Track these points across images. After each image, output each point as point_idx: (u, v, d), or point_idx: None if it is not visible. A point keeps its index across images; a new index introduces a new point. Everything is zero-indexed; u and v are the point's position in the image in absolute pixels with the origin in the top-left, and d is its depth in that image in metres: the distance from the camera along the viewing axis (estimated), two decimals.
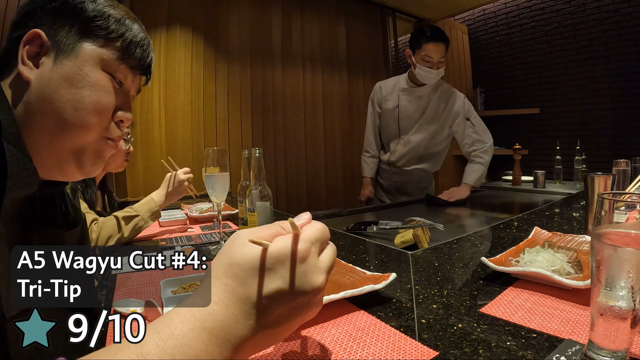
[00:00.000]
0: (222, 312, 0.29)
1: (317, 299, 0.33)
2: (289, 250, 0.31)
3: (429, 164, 2.01)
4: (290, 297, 0.30)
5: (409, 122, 1.89)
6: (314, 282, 0.31)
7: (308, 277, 0.31)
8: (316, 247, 0.33)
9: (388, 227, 1.14)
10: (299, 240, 0.32)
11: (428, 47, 1.69)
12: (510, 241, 0.93)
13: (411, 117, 1.88)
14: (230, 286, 0.30)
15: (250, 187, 1.00)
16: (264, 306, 0.30)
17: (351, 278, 0.67)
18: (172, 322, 0.29)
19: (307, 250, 0.31)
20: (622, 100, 2.73)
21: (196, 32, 2.35)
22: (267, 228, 0.34)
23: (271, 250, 0.31)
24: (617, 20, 2.69)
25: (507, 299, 0.58)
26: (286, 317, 0.31)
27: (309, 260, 0.31)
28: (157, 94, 2.20)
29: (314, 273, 0.31)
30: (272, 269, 0.30)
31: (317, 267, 0.32)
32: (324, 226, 0.35)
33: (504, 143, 3.43)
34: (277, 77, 2.72)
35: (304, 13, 2.85)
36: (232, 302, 0.30)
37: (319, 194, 2.95)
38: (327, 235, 0.35)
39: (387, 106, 1.93)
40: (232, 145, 2.51)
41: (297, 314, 0.32)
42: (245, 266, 0.30)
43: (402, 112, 1.89)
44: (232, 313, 0.29)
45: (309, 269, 0.31)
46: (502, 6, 3.40)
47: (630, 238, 0.36)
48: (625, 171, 1.30)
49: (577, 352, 0.41)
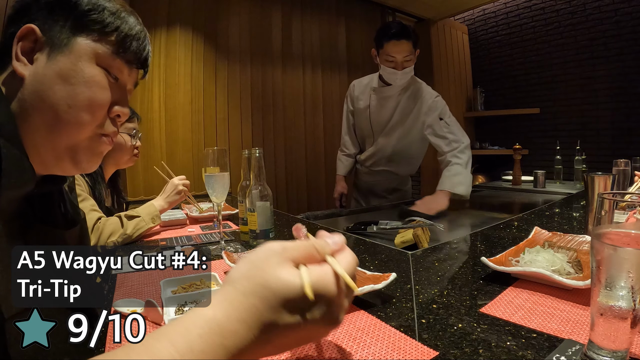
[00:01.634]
0: (244, 333, 0.28)
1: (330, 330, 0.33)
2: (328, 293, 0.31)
3: (399, 166, 1.86)
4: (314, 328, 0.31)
5: (379, 123, 1.78)
6: (338, 320, 0.32)
7: (334, 314, 0.31)
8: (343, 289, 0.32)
9: (388, 227, 1.14)
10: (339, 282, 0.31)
11: (389, 46, 1.54)
12: (510, 241, 0.93)
13: (381, 117, 1.77)
14: (258, 309, 0.29)
15: (250, 187, 1.00)
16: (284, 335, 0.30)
17: None
18: (189, 334, 0.27)
19: (342, 293, 0.32)
20: (622, 100, 2.73)
21: (196, 32, 2.35)
22: (301, 247, 0.33)
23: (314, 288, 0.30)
24: (617, 20, 2.69)
25: (507, 299, 0.58)
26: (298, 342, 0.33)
27: (339, 300, 0.32)
28: (157, 94, 2.20)
29: (341, 312, 0.32)
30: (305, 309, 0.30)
31: (343, 307, 0.32)
32: (355, 259, 0.35)
33: (504, 143, 3.43)
34: (277, 77, 2.72)
35: (304, 13, 2.85)
36: (255, 325, 0.29)
37: (319, 194, 2.95)
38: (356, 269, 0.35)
39: (359, 106, 1.82)
40: (232, 145, 2.51)
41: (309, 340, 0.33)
42: (280, 295, 0.29)
43: (373, 112, 1.78)
44: (253, 335, 0.29)
45: (338, 308, 0.32)
46: (502, 6, 3.40)
47: (630, 238, 0.36)
48: (625, 171, 1.30)
49: (577, 352, 0.41)
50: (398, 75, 1.59)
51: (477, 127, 3.72)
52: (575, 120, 3.01)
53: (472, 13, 3.65)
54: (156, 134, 2.20)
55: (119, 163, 1.32)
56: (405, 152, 1.81)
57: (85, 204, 1.08)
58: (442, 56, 3.45)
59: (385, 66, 1.59)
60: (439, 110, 1.66)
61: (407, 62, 1.57)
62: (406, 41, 1.53)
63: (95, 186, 1.22)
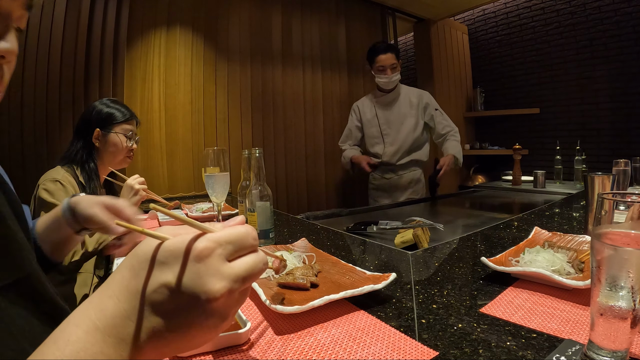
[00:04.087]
0: (112, 307, 0.26)
1: (214, 308, 0.27)
2: (185, 245, 0.27)
3: (420, 152, 2.25)
4: (177, 296, 0.26)
5: (387, 124, 2.18)
6: (208, 286, 0.26)
7: (203, 279, 0.26)
8: (225, 249, 0.28)
9: (388, 227, 1.14)
10: (201, 237, 0.28)
11: (379, 58, 2.05)
12: (510, 241, 0.93)
13: (388, 119, 2.17)
14: (125, 278, 0.27)
15: (250, 187, 1.00)
16: (151, 301, 0.26)
17: (351, 278, 0.67)
18: (68, 326, 0.26)
19: (208, 250, 0.27)
20: (622, 100, 2.73)
21: (196, 32, 2.35)
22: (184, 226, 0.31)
23: (167, 243, 0.28)
24: (617, 20, 2.69)
25: (507, 299, 0.58)
26: (177, 318, 0.27)
27: (209, 261, 0.27)
28: (157, 94, 2.20)
29: (210, 276, 0.27)
30: (164, 262, 0.27)
31: (217, 270, 0.27)
32: (248, 232, 0.30)
33: (504, 143, 3.43)
34: (277, 77, 2.72)
35: (304, 13, 2.85)
36: (123, 295, 0.27)
37: (319, 194, 2.95)
38: (249, 242, 0.30)
39: (366, 117, 2.23)
40: (232, 145, 2.51)
41: (191, 319, 0.27)
42: (142, 257, 0.28)
43: (381, 117, 2.19)
44: (123, 308, 0.26)
45: (206, 271, 0.27)
46: (502, 6, 3.40)
47: (630, 238, 0.36)
48: (625, 171, 1.30)
49: (577, 352, 0.41)
50: (389, 78, 2.06)
51: (477, 127, 3.72)
52: (575, 120, 3.01)
53: (472, 13, 3.65)
54: (156, 134, 2.20)
55: (113, 162, 1.32)
56: (419, 140, 2.21)
57: None
58: (442, 56, 3.45)
59: (378, 74, 2.07)
60: (432, 102, 2.18)
61: (394, 69, 2.06)
62: (391, 53, 2.05)
63: (90, 184, 1.22)
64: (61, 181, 1.15)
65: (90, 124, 1.27)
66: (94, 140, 1.27)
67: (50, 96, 1.92)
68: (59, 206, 0.65)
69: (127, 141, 1.31)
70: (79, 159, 1.25)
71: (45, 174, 1.19)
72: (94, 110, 1.29)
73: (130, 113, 1.34)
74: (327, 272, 0.72)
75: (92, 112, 1.28)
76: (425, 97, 2.17)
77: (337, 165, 3.07)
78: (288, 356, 0.45)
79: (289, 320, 0.54)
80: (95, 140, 1.27)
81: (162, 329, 0.27)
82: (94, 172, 1.25)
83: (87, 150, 1.27)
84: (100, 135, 1.27)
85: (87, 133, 1.27)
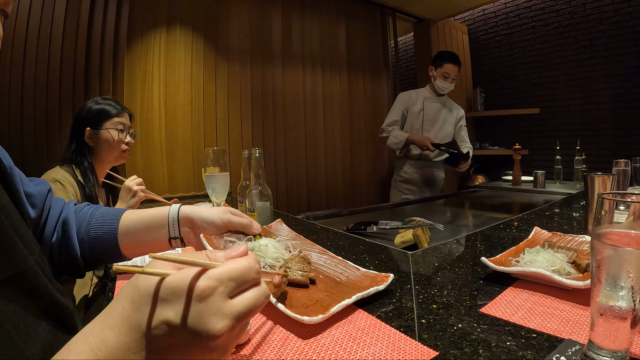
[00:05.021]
0: (113, 339, 0.27)
1: (217, 345, 0.27)
2: (187, 284, 0.27)
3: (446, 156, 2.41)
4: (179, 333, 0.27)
5: (430, 122, 2.37)
6: (210, 327, 0.26)
7: (204, 318, 0.27)
8: (226, 287, 0.28)
9: (388, 227, 1.14)
10: (202, 275, 0.28)
11: (447, 66, 2.22)
12: (510, 241, 0.93)
13: (432, 118, 2.37)
14: (127, 311, 0.27)
15: (250, 187, 1.00)
16: (152, 336, 0.27)
17: (345, 272, 0.67)
18: (69, 355, 0.27)
19: (210, 289, 0.27)
20: (622, 100, 2.73)
21: (196, 32, 2.35)
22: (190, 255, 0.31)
23: (168, 280, 0.27)
24: (617, 20, 2.69)
25: (507, 299, 0.58)
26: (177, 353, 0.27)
27: (210, 300, 0.27)
28: (157, 94, 2.20)
29: (212, 316, 0.27)
30: (165, 300, 0.27)
31: (219, 310, 0.27)
32: (250, 267, 0.30)
33: (504, 143, 3.43)
34: (277, 77, 2.72)
35: (304, 13, 2.85)
36: (125, 328, 0.27)
37: (319, 194, 2.95)
38: (251, 276, 0.30)
39: (413, 109, 2.37)
40: (232, 145, 2.51)
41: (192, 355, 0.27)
42: (143, 292, 0.27)
43: (426, 113, 2.37)
44: (124, 341, 0.27)
45: (207, 310, 0.27)
46: (502, 6, 3.40)
47: (630, 238, 0.36)
48: (625, 171, 1.30)
49: (577, 352, 0.41)
50: (449, 86, 2.28)
51: (477, 127, 3.72)
52: (575, 120, 3.01)
53: (472, 13, 3.65)
54: (156, 134, 2.20)
55: (109, 159, 1.31)
56: None
57: None
58: None
59: (440, 79, 2.26)
60: (463, 119, 2.45)
61: (454, 80, 2.27)
62: (458, 66, 2.25)
63: (87, 183, 1.22)
64: (61, 181, 1.15)
65: (80, 124, 1.26)
66: (86, 139, 1.26)
67: (50, 96, 1.92)
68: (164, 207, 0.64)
69: (119, 134, 1.28)
70: (75, 160, 1.25)
71: (45, 174, 1.19)
72: (84, 110, 1.28)
73: (119, 106, 1.32)
74: (315, 263, 0.71)
75: (82, 112, 1.28)
76: (461, 112, 2.45)
77: (337, 165, 3.07)
78: (288, 356, 0.45)
79: (289, 320, 0.54)
80: (88, 139, 1.26)
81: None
82: (89, 171, 1.25)
83: (81, 150, 1.26)
84: (92, 133, 1.26)
85: (79, 133, 1.26)
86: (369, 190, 3.27)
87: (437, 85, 2.29)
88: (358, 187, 3.21)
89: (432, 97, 2.37)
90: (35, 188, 0.58)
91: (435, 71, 2.28)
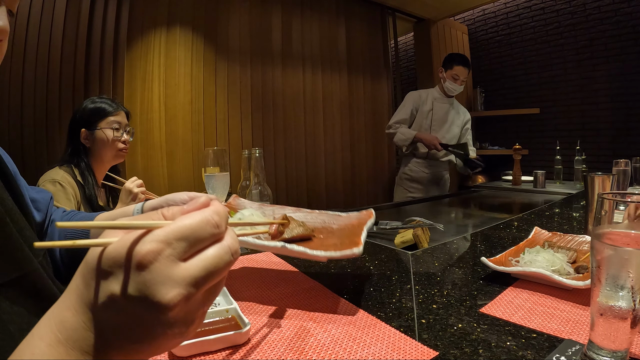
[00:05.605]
0: (71, 319, 0.24)
1: (173, 318, 0.24)
2: (125, 250, 0.24)
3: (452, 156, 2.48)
4: (128, 308, 0.24)
5: (438, 122, 2.39)
6: (158, 297, 0.23)
7: (150, 289, 0.23)
8: (174, 248, 0.24)
9: (388, 227, 1.14)
10: (144, 238, 0.24)
11: (458, 68, 2.24)
12: (510, 241, 0.93)
13: (441, 118, 2.39)
14: (79, 288, 0.25)
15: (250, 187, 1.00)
16: (103, 314, 0.24)
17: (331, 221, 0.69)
18: (32, 339, 0.25)
19: (152, 253, 0.23)
20: (622, 100, 2.73)
21: (196, 32, 2.35)
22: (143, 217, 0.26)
23: (108, 250, 0.24)
24: (617, 20, 2.69)
25: (507, 299, 0.58)
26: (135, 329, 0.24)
27: (155, 267, 0.23)
28: (157, 94, 2.20)
29: (160, 285, 0.23)
30: (109, 272, 0.24)
31: (168, 276, 0.23)
32: (206, 220, 0.25)
33: (504, 143, 3.43)
34: (277, 77, 2.72)
35: (304, 13, 2.85)
36: (80, 307, 0.25)
37: (319, 194, 2.95)
38: (207, 232, 0.25)
39: (423, 108, 2.39)
40: (232, 145, 2.51)
41: (150, 330, 0.24)
42: (90, 265, 0.25)
43: (435, 113, 2.39)
44: (82, 320, 0.24)
45: (152, 279, 0.23)
46: (502, 6, 3.40)
47: (630, 238, 0.36)
48: (625, 171, 1.30)
49: (577, 352, 0.41)
50: (458, 88, 2.29)
51: (477, 127, 3.72)
52: (575, 120, 3.01)
53: (472, 13, 3.65)
54: (156, 134, 2.20)
55: (106, 159, 1.30)
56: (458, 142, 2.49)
57: None
58: (442, 56, 3.43)
59: (450, 81, 2.28)
60: (469, 122, 2.48)
61: (463, 82, 2.28)
62: (469, 69, 2.28)
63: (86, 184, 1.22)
64: (60, 182, 1.15)
65: (75, 125, 1.26)
66: (82, 141, 1.26)
67: (50, 96, 1.92)
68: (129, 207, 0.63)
69: (115, 132, 1.28)
70: (72, 161, 1.25)
71: (44, 175, 1.19)
72: (78, 111, 1.28)
73: (115, 105, 1.31)
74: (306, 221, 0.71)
75: (77, 114, 1.27)
76: (468, 115, 2.50)
77: (337, 165, 3.07)
78: (288, 356, 0.45)
79: (288, 320, 0.54)
80: (84, 140, 1.26)
81: (123, 341, 0.24)
82: (86, 172, 1.25)
83: (77, 152, 1.26)
84: (87, 134, 1.26)
85: (75, 135, 1.26)
86: (368, 189, 3.27)
87: (447, 87, 2.31)
88: (358, 186, 3.20)
89: (441, 97, 2.40)
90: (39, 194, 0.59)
91: (445, 73, 2.31)
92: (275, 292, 0.65)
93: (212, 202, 0.27)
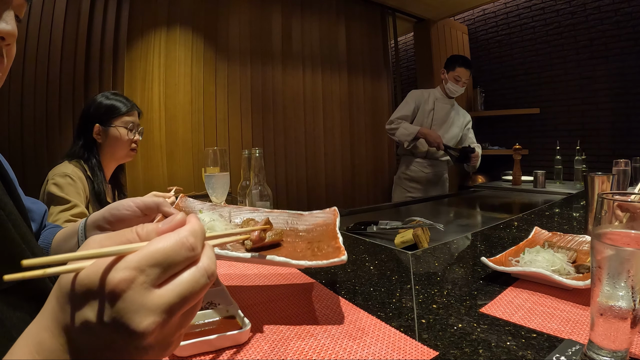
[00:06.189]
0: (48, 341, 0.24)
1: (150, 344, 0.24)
2: (98, 278, 0.23)
3: None
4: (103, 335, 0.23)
5: (439, 122, 2.40)
6: (132, 327, 0.22)
7: (124, 318, 0.22)
8: (148, 275, 0.23)
9: (388, 227, 1.14)
10: (116, 265, 0.23)
11: (460, 69, 2.25)
12: (510, 241, 0.93)
13: (442, 118, 2.40)
14: (55, 311, 0.25)
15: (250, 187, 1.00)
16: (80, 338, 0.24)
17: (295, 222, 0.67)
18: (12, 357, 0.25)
19: (125, 282, 0.22)
20: (622, 100, 2.73)
21: (196, 32, 2.35)
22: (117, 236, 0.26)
23: (80, 276, 0.23)
24: (617, 20, 2.69)
25: (507, 299, 0.58)
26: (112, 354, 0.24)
27: (129, 295, 0.22)
28: (157, 94, 2.20)
29: (134, 314, 0.22)
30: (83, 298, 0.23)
31: (142, 305, 0.23)
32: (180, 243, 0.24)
33: (504, 143, 3.43)
34: (277, 77, 2.72)
35: (304, 13, 2.85)
36: (57, 329, 0.24)
37: (319, 194, 2.95)
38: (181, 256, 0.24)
39: (424, 107, 2.40)
40: (232, 145, 2.51)
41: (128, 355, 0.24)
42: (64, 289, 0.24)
43: (436, 113, 2.40)
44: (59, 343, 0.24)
45: (127, 308, 0.22)
46: (502, 6, 3.40)
47: (630, 238, 0.36)
48: (625, 171, 1.30)
49: (577, 352, 0.41)
50: (460, 89, 2.31)
51: (477, 127, 3.70)
52: (575, 120, 3.01)
53: (472, 13, 3.65)
54: (156, 134, 2.20)
55: (117, 157, 1.31)
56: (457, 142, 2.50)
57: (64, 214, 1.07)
58: (442, 56, 3.45)
59: (452, 82, 2.29)
60: (470, 123, 2.50)
61: (465, 83, 2.29)
62: (470, 70, 2.29)
63: (95, 179, 1.22)
64: (71, 175, 1.15)
65: (89, 119, 1.25)
66: (94, 136, 1.25)
67: (50, 96, 1.92)
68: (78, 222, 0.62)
69: (129, 133, 1.28)
70: (82, 156, 1.25)
71: (55, 169, 1.19)
72: (93, 105, 1.26)
73: (129, 104, 1.31)
74: None
75: (91, 108, 1.26)
76: (468, 117, 2.51)
77: (337, 165, 3.07)
78: (288, 356, 0.45)
79: (288, 320, 0.54)
80: (96, 135, 1.25)
81: None
82: (96, 167, 1.25)
83: (89, 147, 1.25)
84: (101, 130, 1.25)
85: (87, 130, 1.25)
86: (368, 189, 3.27)
87: (448, 88, 2.32)
88: (358, 186, 3.21)
89: (442, 98, 2.40)
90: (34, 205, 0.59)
91: (447, 74, 2.31)
92: (275, 291, 0.65)
93: (189, 219, 0.26)
